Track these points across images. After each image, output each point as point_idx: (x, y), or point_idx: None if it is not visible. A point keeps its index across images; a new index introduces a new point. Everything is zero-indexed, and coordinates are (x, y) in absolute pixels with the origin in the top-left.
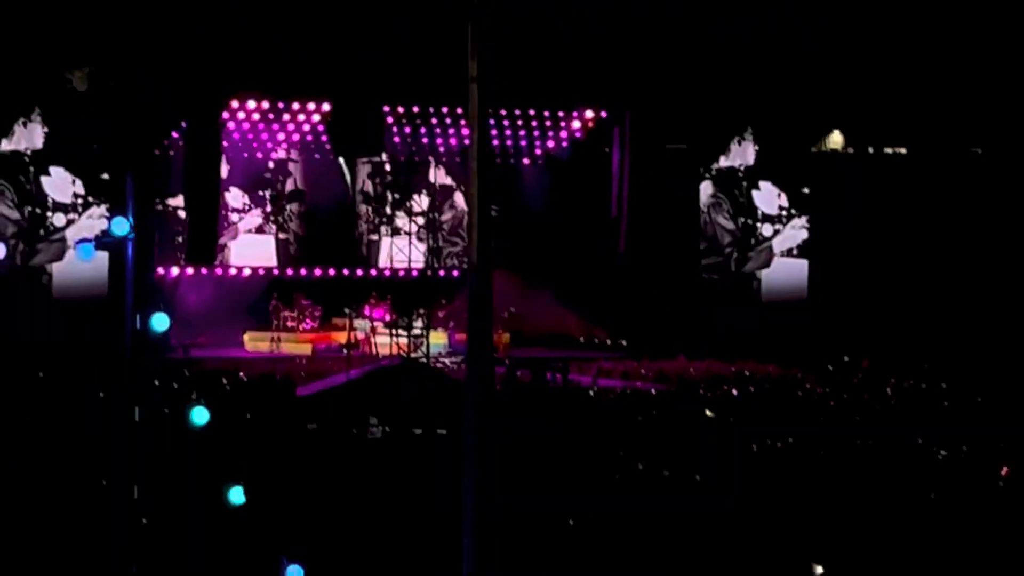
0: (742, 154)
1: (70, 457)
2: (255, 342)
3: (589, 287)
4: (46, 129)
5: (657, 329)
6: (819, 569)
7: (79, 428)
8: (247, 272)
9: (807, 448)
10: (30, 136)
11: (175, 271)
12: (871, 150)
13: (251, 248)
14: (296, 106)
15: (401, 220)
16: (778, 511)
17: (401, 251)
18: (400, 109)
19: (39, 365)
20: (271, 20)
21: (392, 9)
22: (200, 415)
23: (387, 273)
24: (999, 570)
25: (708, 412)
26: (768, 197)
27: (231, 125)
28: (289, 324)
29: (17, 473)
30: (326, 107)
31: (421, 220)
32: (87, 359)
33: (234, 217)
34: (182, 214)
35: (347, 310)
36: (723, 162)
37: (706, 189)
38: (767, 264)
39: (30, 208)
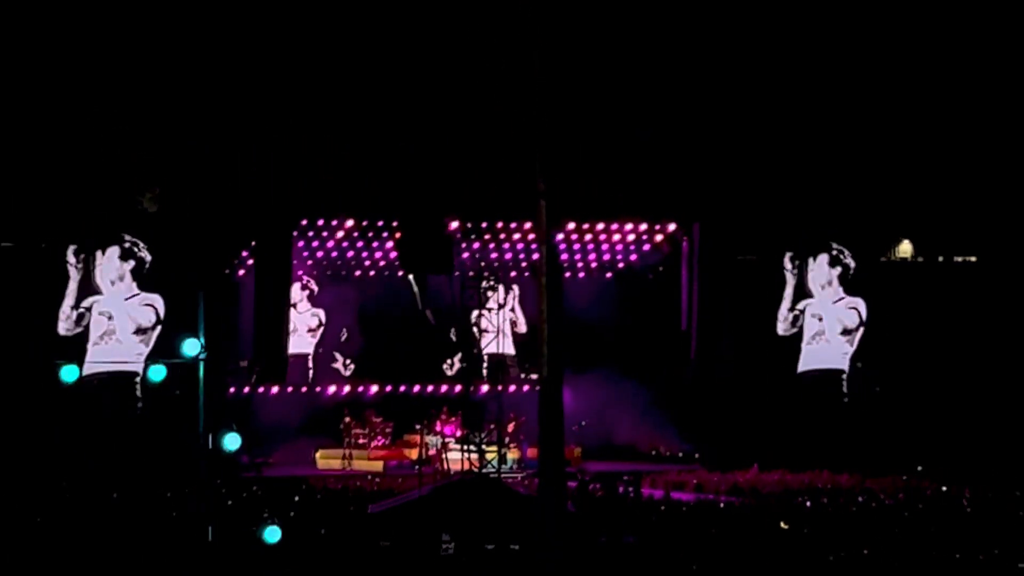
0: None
1: None
2: (327, 460)
3: (661, 399)
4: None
5: (729, 440)
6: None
7: (152, 548)
8: (317, 389)
9: (883, 559)
10: None
11: (246, 389)
12: (941, 259)
13: (321, 365)
14: (364, 223)
15: (471, 334)
16: None
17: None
18: (468, 224)
19: (113, 485)
20: (340, 140)
21: (460, 128)
22: (272, 534)
23: (457, 388)
24: None
25: (783, 524)
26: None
27: (300, 243)
28: (360, 441)
29: None
30: (394, 224)
31: (490, 335)
32: (159, 478)
33: (306, 335)
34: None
35: (418, 426)
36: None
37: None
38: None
39: None
